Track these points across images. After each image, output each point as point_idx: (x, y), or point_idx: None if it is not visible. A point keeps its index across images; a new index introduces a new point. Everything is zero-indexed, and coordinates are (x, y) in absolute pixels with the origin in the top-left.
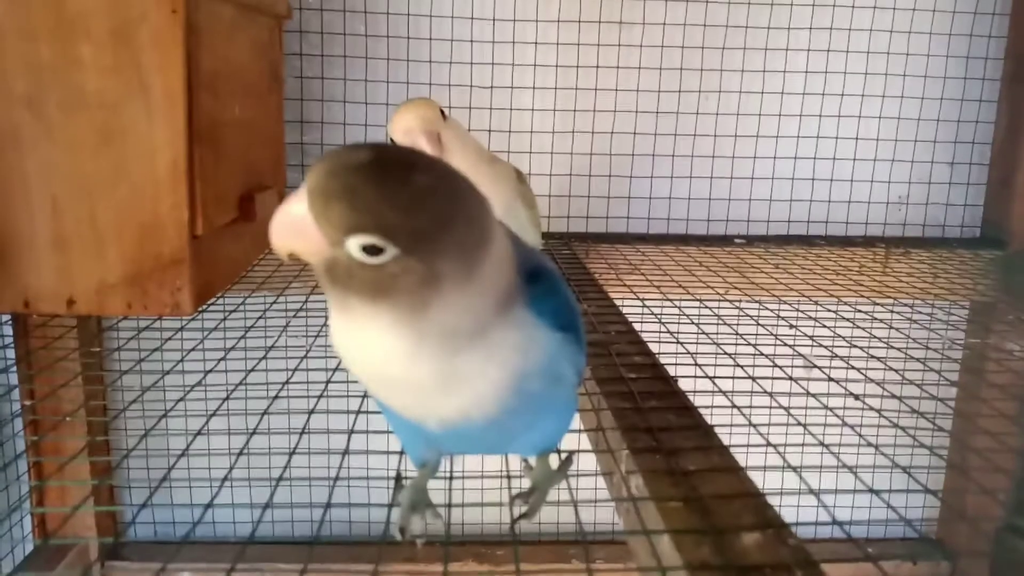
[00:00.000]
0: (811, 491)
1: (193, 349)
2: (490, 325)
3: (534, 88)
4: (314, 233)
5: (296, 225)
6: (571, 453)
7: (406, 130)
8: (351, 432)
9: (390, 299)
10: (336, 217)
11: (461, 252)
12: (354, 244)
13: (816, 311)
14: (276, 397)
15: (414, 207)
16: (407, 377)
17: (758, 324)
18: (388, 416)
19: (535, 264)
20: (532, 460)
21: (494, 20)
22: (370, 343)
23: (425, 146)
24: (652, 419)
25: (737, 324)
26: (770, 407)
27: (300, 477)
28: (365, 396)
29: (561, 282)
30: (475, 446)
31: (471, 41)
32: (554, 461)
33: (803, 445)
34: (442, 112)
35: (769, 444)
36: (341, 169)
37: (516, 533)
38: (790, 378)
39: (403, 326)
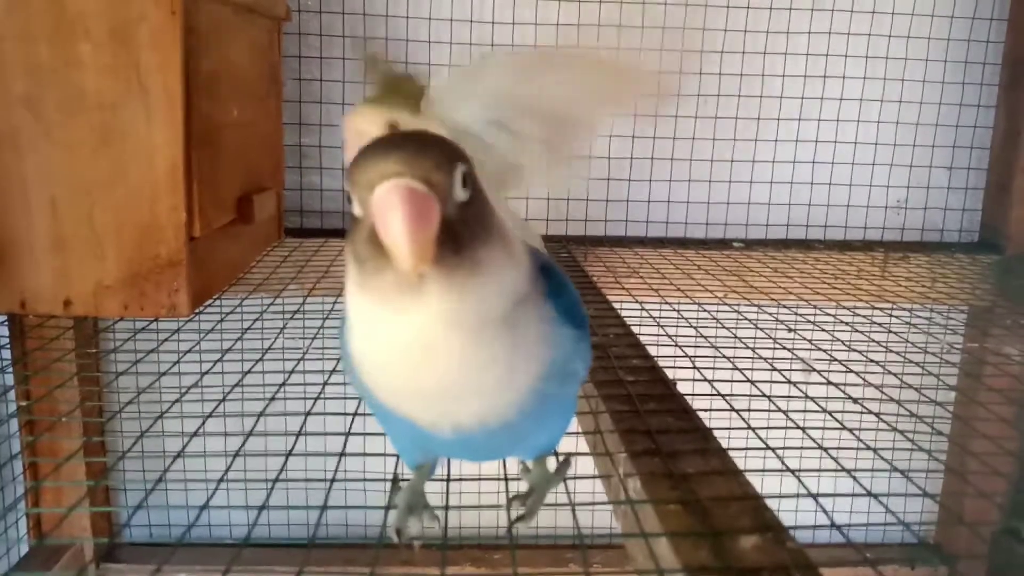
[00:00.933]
0: (810, 494)
1: (190, 351)
2: (525, 301)
3: None
4: (430, 198)
5: (414, 207)
6: (568, 455)
7: (359, 132)
8: (348, 434)
9: (493, 233)
10: (438, 158)
11: (490, 201)
12: (458, 178)
13: (815, 315)
14: (273, 399)
15: (452, 142)
16: (483, 351)
17: (756, 328)
18: (386, 422)
19: (540, 259)
20: (530, 463)
21: (493, 23)
22: (492, 294)
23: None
24: (650, 422)
25: (736, 328)
26: (768, 410)
27: (297, 479)
28: (362, 398)
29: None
30: (477, 453)
31: (469, 44)
32: (551, 463)
33: (801, 448)
34: (392, 127)
35: (767, 447)
36: (392, 145)
37: (513, 535)
38: (788, 381)
39: (508, 265)
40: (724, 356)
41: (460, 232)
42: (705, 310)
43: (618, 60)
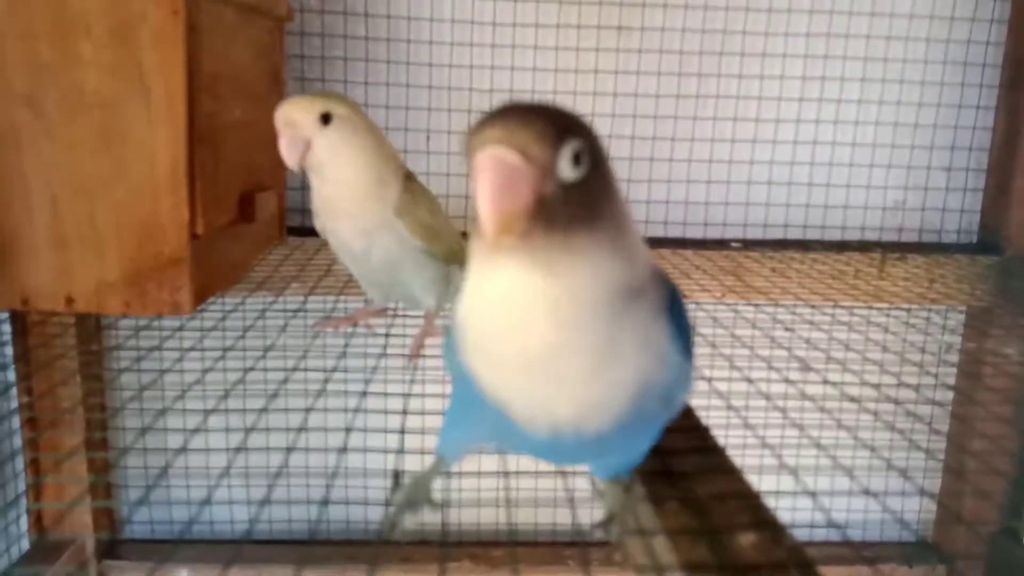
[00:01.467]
0: (807, 492)
1: (192, 348)
2: (642, 299)
3: (532, 92)
4: (525, 171)
5: (506, 178)
6: (634, 480)
7: (289, 122)
8: (349, 430)
9: (602, 218)
10: (545, 130)
11: (612, 168)
12: (566, 156)
13: (812, 315)
14: (274, 396)
15: (577, 114)
16: (586, 338)
17: (754, 327)
18: (469, 407)
19: (668, 281)
20: (602, 485)
21: (494, 24)
22: (588, 276)
23: (284, 149)
24: None
25: (733, 327)
26: (766, 409)
27: (298, 474)
28: (364, 394)
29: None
30: (557, 456)
31: (470, 45)
32: (622, 486)
33: (799, 447)
34: (325, 116)
35: (765, 445)
36: (508, 111)
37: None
38: (786, 381)
39: (616, 255)
40: (722, 355)
41: (557, 211)
42: (703, 310)
43: None
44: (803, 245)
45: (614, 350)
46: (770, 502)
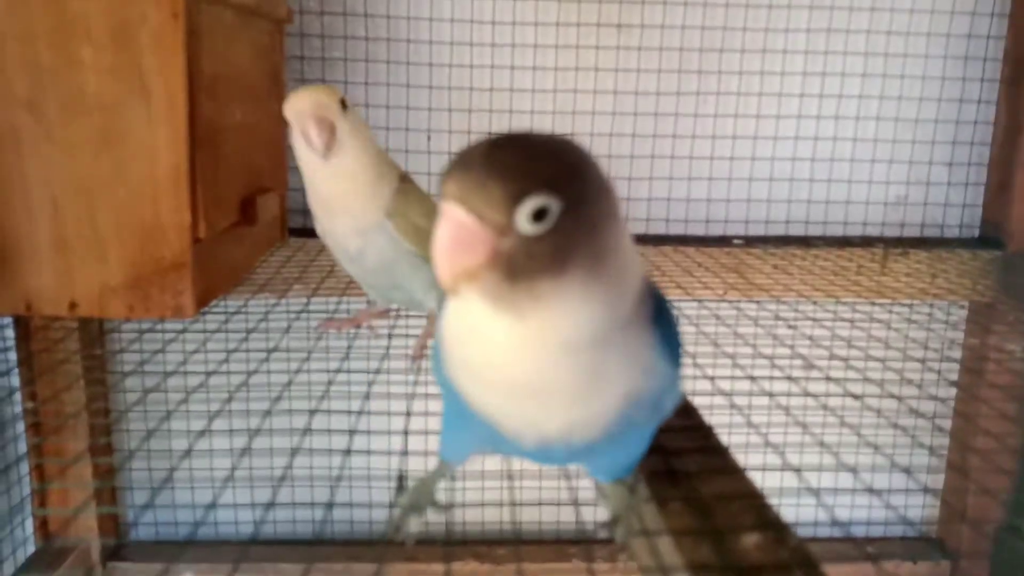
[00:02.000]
0: (811, 491)
1: (195, 352)
2: (627, 326)
3: (533, 91)
4: (480, 232)
5: (460, 237)
6: (637, 481)
7: (297, 113)
8: (352, 432)
9: (572, 265)
10: (498, 194)
11: (609, 206)
12: (524, 215)
13: (815, 311)
14: (278, 398)
15: (554, 157)
16: (563, 375)
17: (757, 324)
18: (459, 418)
19: (652, 287)
20: (607, 486)
21: (493, 23)
22: (557, 325)
23: (313, 132)
24: None
25: (736, 324)
26: (769, 407)
27: (302, 476)
28: (367, 397)
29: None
30: (551, 460)
31: (470, 44)
32: (625, 487)
33: (802, 445)
34: (343, 102)
35: (769, 444)
36: (473, 160)
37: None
38: (789, 378)
39: (588, 300)
40: (725, 353)
41: (518, 263)
42: (706, 307)
43: None
44: (805, 241)
45: (597, 375)
46: (774, 501)
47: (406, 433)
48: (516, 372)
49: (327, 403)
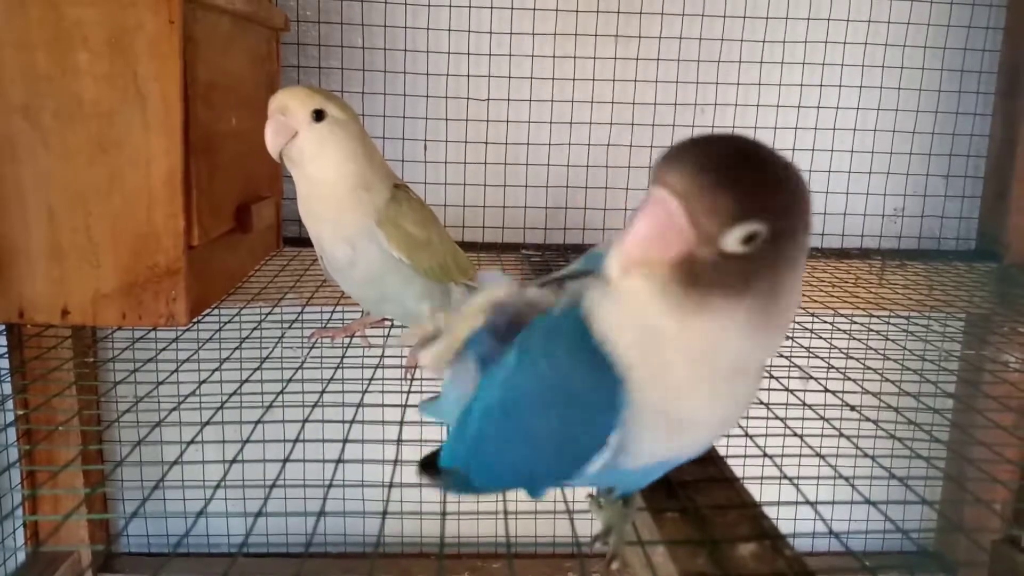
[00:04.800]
0: (808, 502)
1: (187, 360)
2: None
3: (530, 100)
4: (686, 232)
5: (663, 229)
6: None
7: (280, 107)
8: (345, 441)
9: (751, 291)
10: (724, 208)
11: (804, 245)
12: (736, 235)
13: (812, 323)
14: (270, 407)
15: (784, 188)
16: (731, 388)
17: None
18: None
19: None
20: (602, 500)
21: (491, 33)
22: (719, 343)
23: (267, 132)
24: None
25: None
26: (767, 418)
27: (294, 485)
28: (360, 406)
29: None
30: (631, 481)
31: (468, 54)
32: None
33: (800, 456)
34: (318, 112)
35: (765, 455)
36: (708, 159)
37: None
38: (787, 389)
39: (753, 326)
40: None
41: (704, 274)
42: None
43: None
44: None
45: (738, 404)
46: (770, 512)
47: (399, 442)
48: (716, 370)
49: (320, 412)
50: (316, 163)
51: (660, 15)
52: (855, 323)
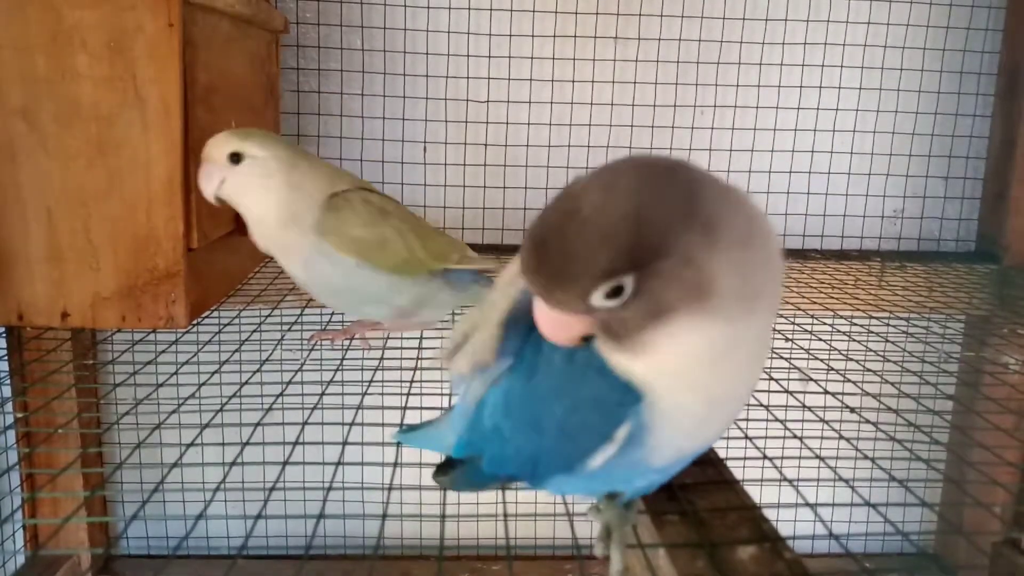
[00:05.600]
0: (808, 504)
1: (187, 362)
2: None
3: (530, 103)
4: (568, 318)
5: (556, 323)
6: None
7: (205, 157)
8: (345, 443)
9: (672, 311)
10: (570, 291)
11: (702, 240)
12: (598, 299)
13: (812, 324)
14: (270, 409)
15: (621, 233)
16: (740, 391)
17: None
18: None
19: None
20: (602, 503)
21: (490, 35)
22: (653, 363)
23: (200, 179)
24: None
25: None
26: (767, 420)
27: (294, 488)
28: (359, 408)
29: None
30: (650, 479)
31: (467, 56)
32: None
33: (800, 458)
34: (235, 155)
35: (765, 457)
36: (544, 251)
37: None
38: (786, 391)
39: (704, 327)
40: None
41: (615, 329)
42: None
43: None
44: (802, 254)
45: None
46: (770, 514)
47: (399, 444)
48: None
49: (320, 414)
50: (243, 203)
51: (659, 17)
52: (855, 325)
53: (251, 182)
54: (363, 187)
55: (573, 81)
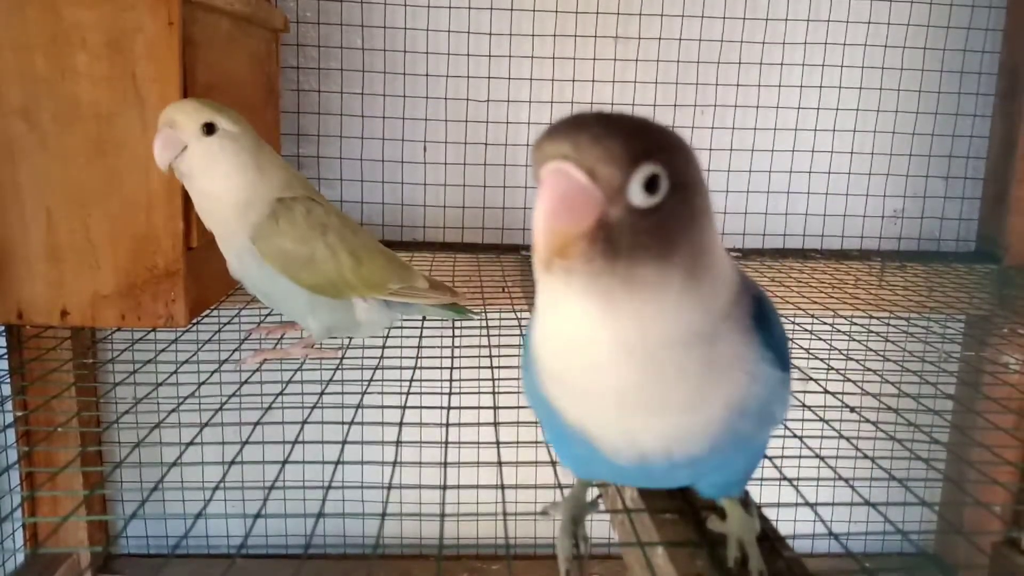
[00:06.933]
0: (807, 503)
1: (187, 361)
2: (725, 325)
3: (530, 102)
4: (591, 191)
5: (566, 198)
6: (748, 498)
7: (169, 122)
8: (344, 442)
9: (677, 252)
10: (618, 150)
11: (707, 197)
12: (638, 179)
13: (812, 324)
14: (270, 408)
15: (665, 133)
16: (662, 376)
17: None
18: (560, 441)
19: (753, 288)
20: (723, 508)
21: (491, 34)
22: (655, 318)
23: (156, 144)
24: None
25: None
26: None
27: (293, 487)
28: (359, 407)
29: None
30: (653, 480)
31: (467, 55)
32: (740, 506)
33: (800, 458)
34: (209, 126)
35: (766, 456)
36: (585, 120)
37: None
38: None
39: (688, 293)
40: None
41: (622, 239)
42: None
43: None
44: (802, 254)
45: (697, 377)
46: (770, 513)
47: (398, 443)
48: (612, 376)
49: (319, 413)
50: (206, 177)
51: (659, 16)
52: (855, 324)
53: (223, 156)
54: (311, 197)
55: (573, 80)
